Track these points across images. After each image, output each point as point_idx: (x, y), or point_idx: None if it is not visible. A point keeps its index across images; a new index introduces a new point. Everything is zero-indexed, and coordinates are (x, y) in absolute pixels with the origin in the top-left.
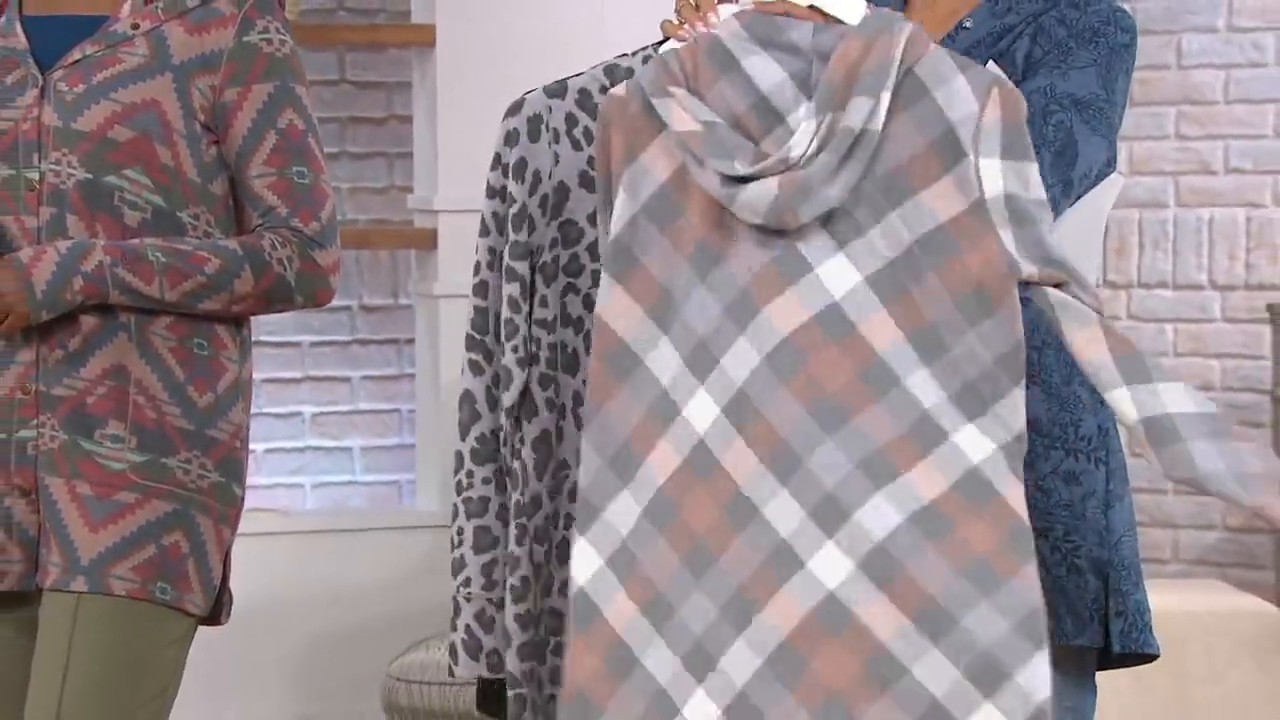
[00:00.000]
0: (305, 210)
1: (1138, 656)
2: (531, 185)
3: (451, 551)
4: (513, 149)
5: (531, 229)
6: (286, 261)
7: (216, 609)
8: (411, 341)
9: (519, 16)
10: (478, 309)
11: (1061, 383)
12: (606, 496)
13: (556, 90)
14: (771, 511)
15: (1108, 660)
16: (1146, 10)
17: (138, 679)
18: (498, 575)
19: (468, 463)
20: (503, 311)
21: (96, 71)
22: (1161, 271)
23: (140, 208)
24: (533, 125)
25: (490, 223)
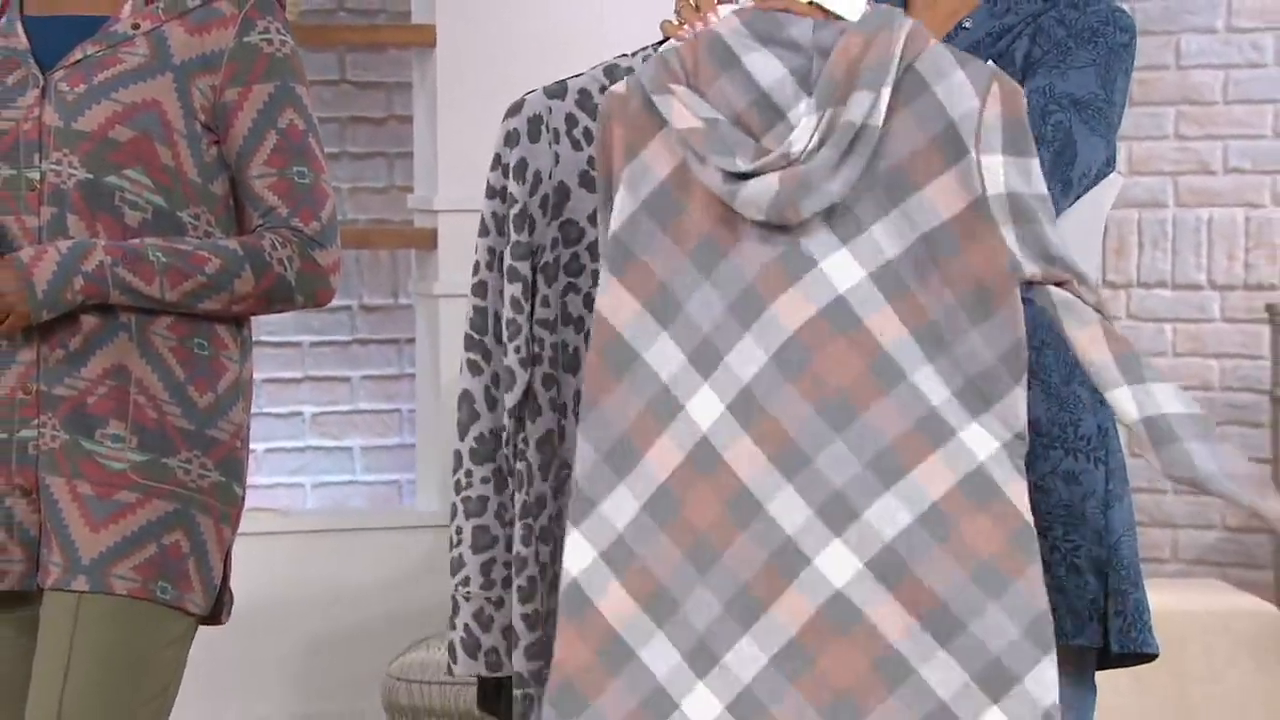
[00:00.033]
0: (305, 210)
1: (1137, 656)
2: (532, 185)
3: (450, 550)
4: (513, 149)
5: (532, 229)
6: (287, 261)
7: (217, 608)
8: (411, 341)
9: (519, 17)
10: (477, 309)
11: (1061, 383)
12: (602, 490)
13: (556, 91)
14: (776, 508)
15: (1107, 660)
16: (1145, 10)
17: (138, 678)
18: (496, 574)
19: (466, 462)
20: (505, 312)
21: (97, 72)
22: (1160, 271)
23: (141, 208)
24: (533, 126)
25: (490, 223)
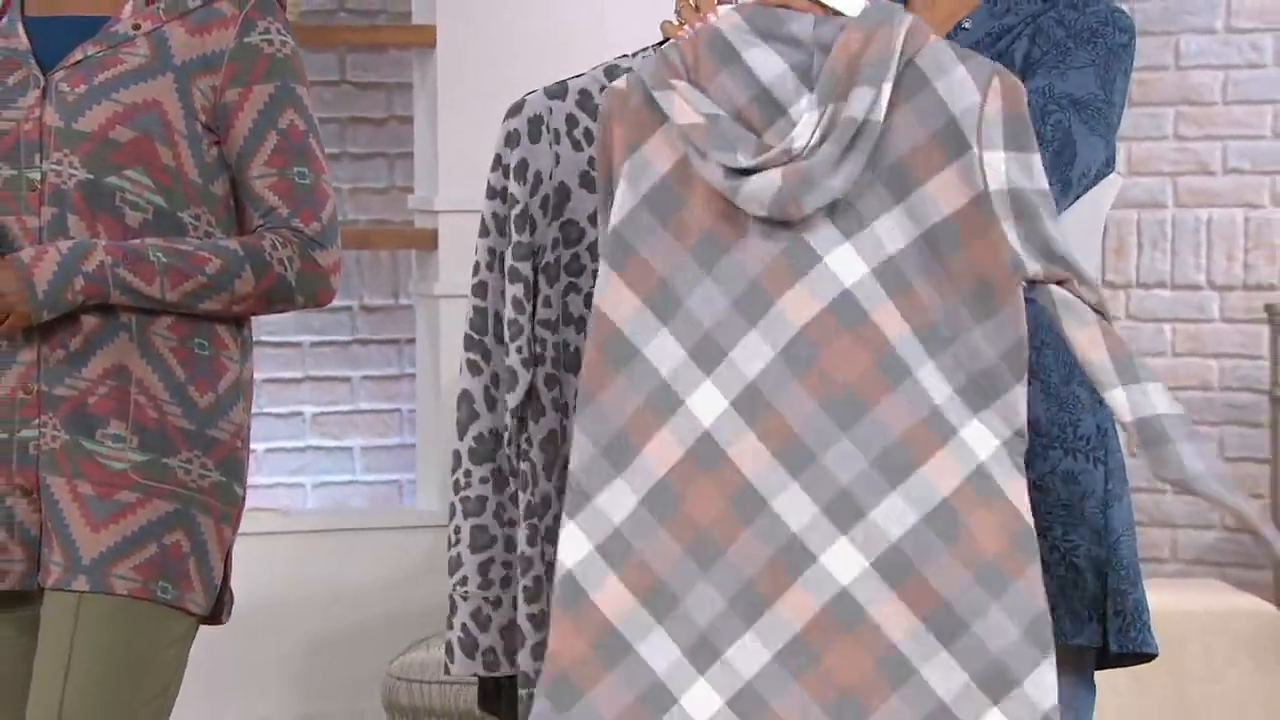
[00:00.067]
0: (306, 210)
1: (1136, 656)
2: (533, 186)
3: (448, 550)
4: (513, 150)
5: (533, 230)
6: (287, 262)
7: (218, 608)
8: (412, 341)
9: (519, 17)
10: (477, 309)
11: (1060, 383)
12: (599, 483)
13: (557, 91)
14: (781, 505)
15: (1106, 659)
16: (1145, 11)
17: (139, 678)
18: (494, 574)
19: (465, 462)
20: (506, 312)
21: (98, 72)
22: (1160, 272)
23: (141, 208)
24: (533, 126)
25: (490, 223)
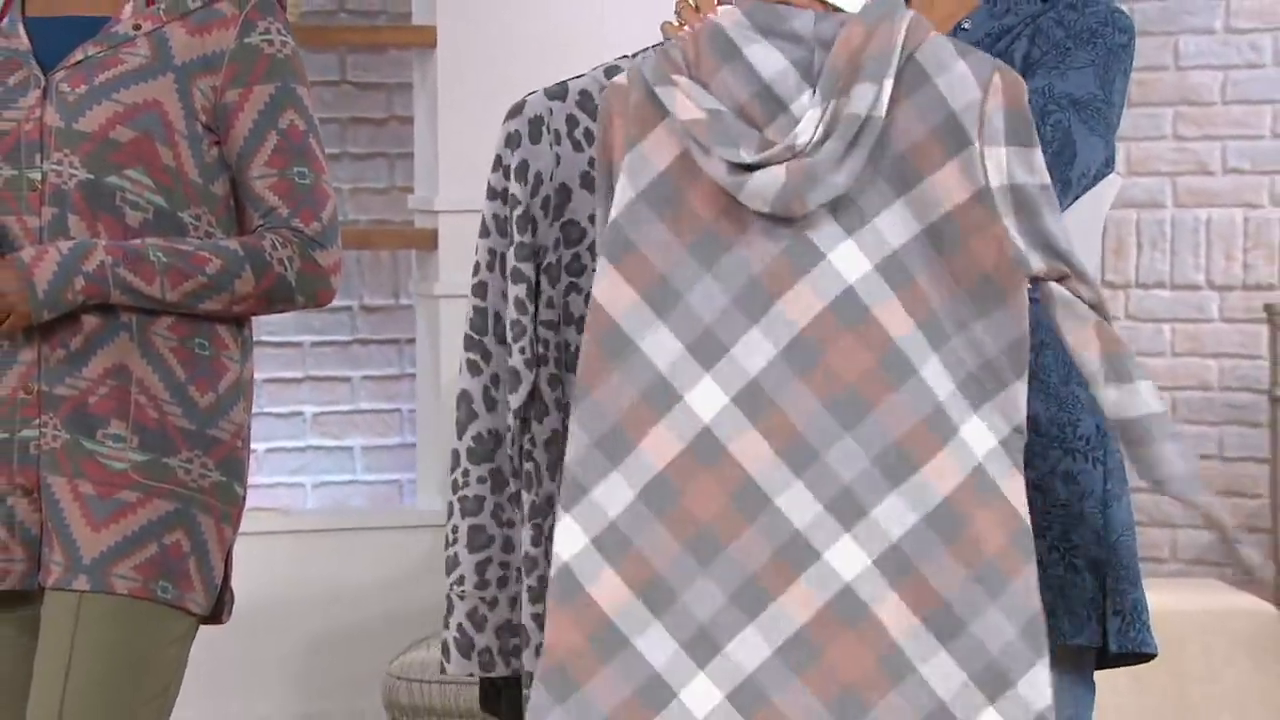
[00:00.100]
0: (306, 211)
1: (1135, 655)
2: (533, 187)
3: (445, 550)
4: (514, 151)
5: (534, 230)
6: (287, 262)
7: (218, 608)
8: (412, 341)
9: (519, 18)
10: (477, 309)
11: (1060, 383)
12: (594, 477)
13: (557, 92)
14: (785, 502)
15: (1106, 659)
16: (1144, 11)
17: (139, 677)
18: (491, 574)
19: (464, 461)
20: (509, 313)
21: (98, 72)
22: (1159, 272)
23: (142, 208)
24: (534, 127)
25: (491, 224)
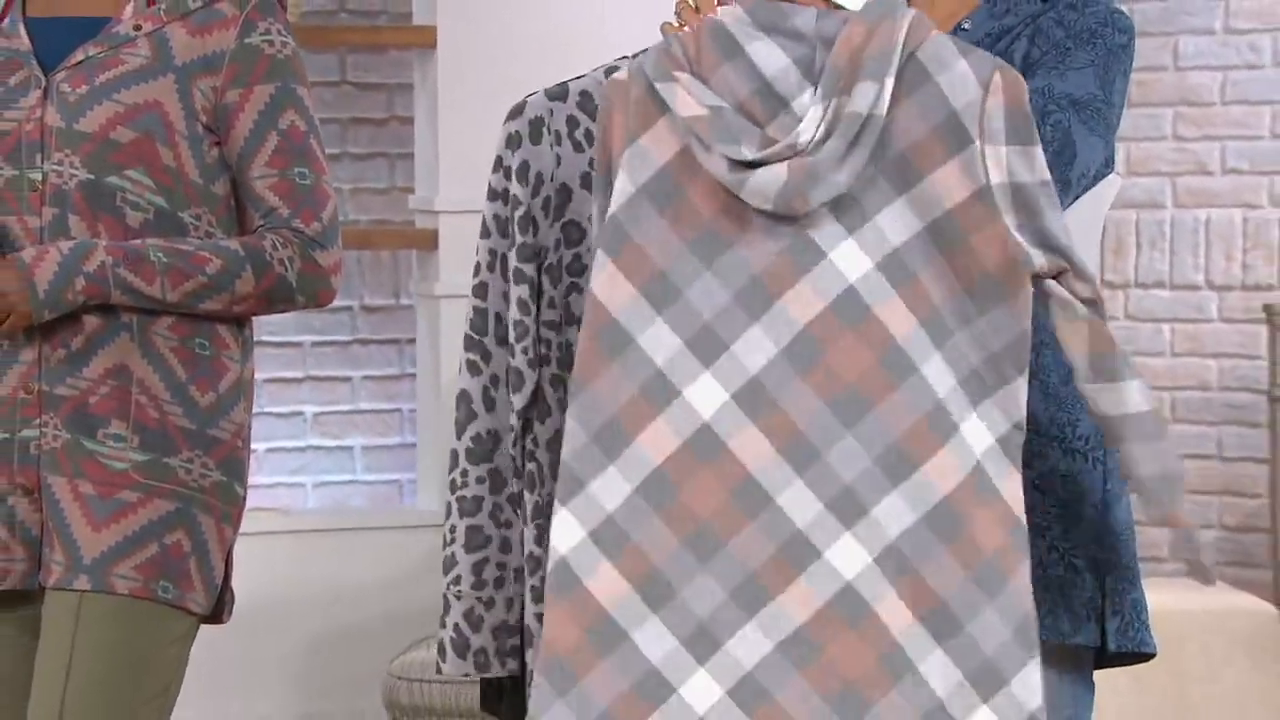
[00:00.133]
0: (307, 211)
1: (1135, 655)
2: (534, 188)
3: (443, 549)
4: (515, 152)
5: (536, 231)
6: (288, 262)
7: (218, 607)
8: (412, 341)
9: (519, 18)
10: (477, 310)
11: (1060, 382)
12: (591, 470)
13: (558, 93)
14: (786, 500)
15: (1105, 659)
16: (1143, 12)
17: (140, 677)
18: (488, 574)
19: (462, 461)
20: (512, 313)
21: (99, 73)
22: (1159, 272)
23: (142, 208)
24: (534, 128)
25: (492, 225)
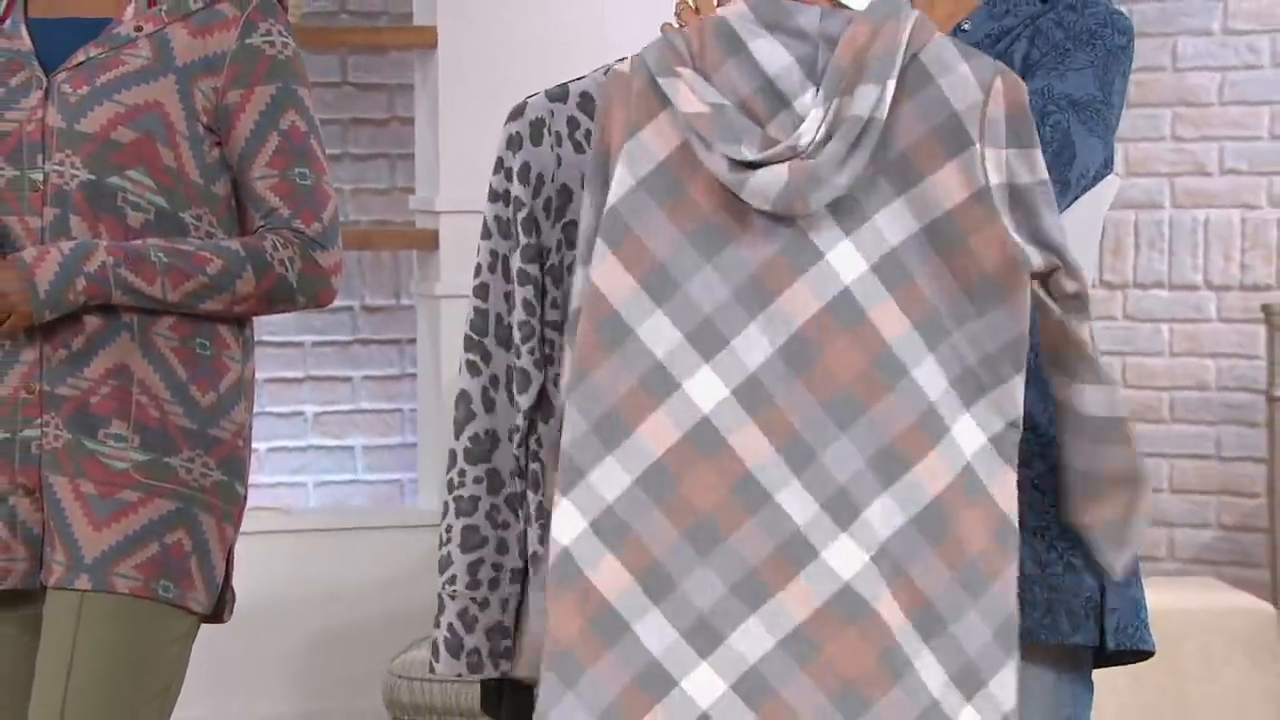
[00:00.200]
0: (307, 211)
1: (1134, 654)
2: (535, 189)
3: (439, 549)
4: (516, 153)
5: (539, 232)
6: (288, 262)
7: (219, 607)
8: (413, 341)
9: (520, 18)
10: (478, 310)
11: None
12: (590, 460)
13: (558, 94)
14: (784, 499)
15: (1104, 658)
16: (1142, 13)
17: (141, 676)
18: (483, 575)
19: (460, 461)
20: (516, 314)
21: (100, 73)
22: (1157, 272)
23: (143, 208)
24: (535, 129)
25: (493, 226)
